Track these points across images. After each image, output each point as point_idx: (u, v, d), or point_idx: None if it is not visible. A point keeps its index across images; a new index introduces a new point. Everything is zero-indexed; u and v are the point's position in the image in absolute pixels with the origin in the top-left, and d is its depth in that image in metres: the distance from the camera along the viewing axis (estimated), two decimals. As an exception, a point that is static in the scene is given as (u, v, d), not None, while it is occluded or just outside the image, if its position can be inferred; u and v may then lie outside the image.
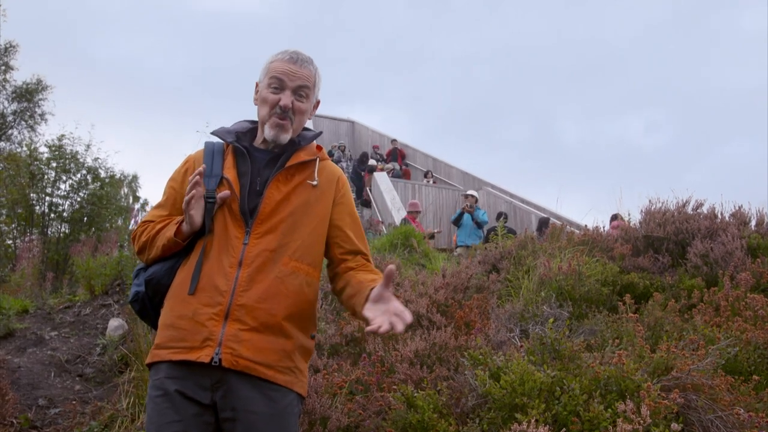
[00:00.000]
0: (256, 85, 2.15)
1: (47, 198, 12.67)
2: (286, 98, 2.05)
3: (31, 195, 12.49)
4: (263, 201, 2.01)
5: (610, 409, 2.44)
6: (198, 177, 1.95)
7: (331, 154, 19.79)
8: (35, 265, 7.97)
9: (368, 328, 1.75)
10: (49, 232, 12.62)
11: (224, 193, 2.02)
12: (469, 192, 12.56)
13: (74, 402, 4.78)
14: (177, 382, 1.89)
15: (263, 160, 2.09)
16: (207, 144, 2.16)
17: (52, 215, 12.67)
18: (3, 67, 20.32)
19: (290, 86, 2.06)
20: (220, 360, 1.85)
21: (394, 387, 2.86)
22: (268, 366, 1.91)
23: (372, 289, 1.89)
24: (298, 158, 2.10)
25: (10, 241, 13.61)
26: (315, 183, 2.09)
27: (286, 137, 2.09)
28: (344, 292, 2.06)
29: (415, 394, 2.61)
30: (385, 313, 1.78)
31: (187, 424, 1.86)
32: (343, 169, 18.69)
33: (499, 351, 2.98)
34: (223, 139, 2.13)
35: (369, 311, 1.83)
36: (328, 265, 2.15)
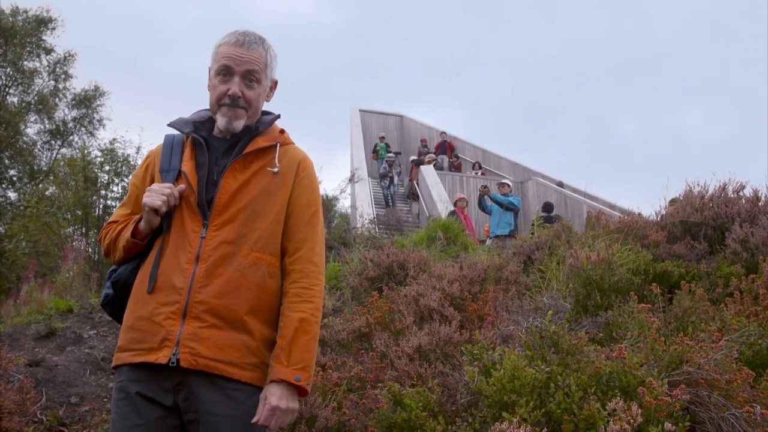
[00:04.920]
0: (209, 71, 2.07)
1: (101, 201, 13.07)
2: (234, 87, 1.97)
3: (87, 198, 12.87)
4: (219, 191, 1.93)
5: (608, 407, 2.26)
6: (170, 191, 1.94)
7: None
8: (80, 266, 8.19)
9: None
10: (104, 234, 12.96)
11: (180, 187, 1.96)
12: (504, 180, 12.24)
13: (105, 399, 4.87)
14: (138, 384, 1.85)
15: (221, 149, 2.01)
16: (167, 137, 2.09)
17: (107, 217, 13.06)
18: (63, 76, 21.13)
19: (238, 71, 1.97)
20: (178, 360, 1.80)
21: (381, 384, 2.75)
22: (231, 363, 1.84)
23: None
24: (256, 144, 2.01)
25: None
26: (276, 170, 2.00)
27: (239, 124, 2.00)
28: (279, 319, 1.95)
29: (403, 392, 2.49)
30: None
31: (150, 428, 1.83)
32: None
33: (500, 346, 2.82)
34: (180, 131, 2.06)
35: None
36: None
